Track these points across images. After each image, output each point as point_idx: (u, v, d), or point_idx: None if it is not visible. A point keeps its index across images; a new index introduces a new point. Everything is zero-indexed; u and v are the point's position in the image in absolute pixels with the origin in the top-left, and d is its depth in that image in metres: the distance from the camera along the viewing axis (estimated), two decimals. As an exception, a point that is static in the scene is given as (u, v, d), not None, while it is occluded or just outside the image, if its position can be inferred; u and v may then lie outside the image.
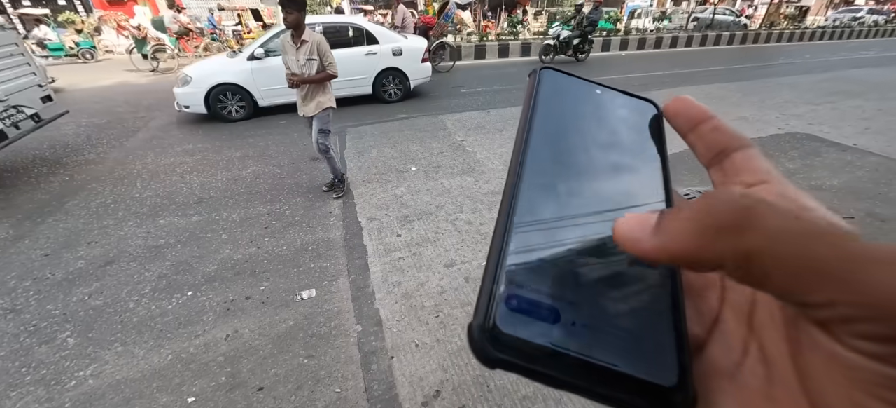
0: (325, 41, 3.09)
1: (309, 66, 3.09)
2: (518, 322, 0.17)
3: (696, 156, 0.22)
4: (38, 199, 3.72)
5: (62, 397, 1.88)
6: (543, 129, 0.24)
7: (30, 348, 2.14)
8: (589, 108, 0.26)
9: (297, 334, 2.21)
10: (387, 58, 6.58)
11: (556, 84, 0.26)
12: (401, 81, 6.85)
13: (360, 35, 6.46)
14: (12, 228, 3.25)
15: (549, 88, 0.26)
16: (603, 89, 0.27)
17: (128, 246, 3.00)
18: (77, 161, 4.61)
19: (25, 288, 2.57)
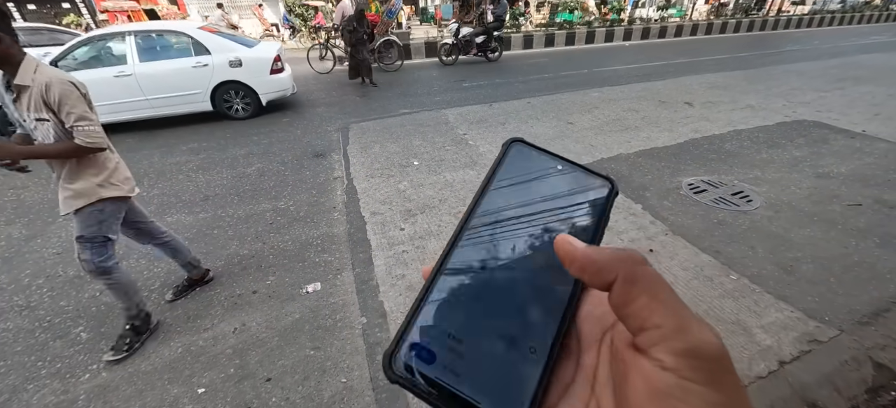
0: (65, 85, 1.70)
1: (41, 130, 1.73)
2: (414, 357, 0.24)
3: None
4: (49, 199, 3.79)
5: (77, 389, 1.93)
6: (492, 202, 0.30)
7: (45, 342, 2.20)
8: (542, 182, 0.31)
9: (304, 327, 2.25)
10: (223, 70, 5.73)
11: (521, 159, 0.32)
12: (249, 96, 6.02)
13: (186, 45, 5.65)
14: (25, 228, 3.32)
15: (513, 163, 0.32)
16: (565, 165, 0.32)
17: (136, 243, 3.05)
18: (86, 161, 4.68)
19: (39, 285, 2.64)
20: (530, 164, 0.32)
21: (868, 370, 1.91)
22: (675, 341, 0.18)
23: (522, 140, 0.32)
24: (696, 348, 0.18)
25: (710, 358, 0.18)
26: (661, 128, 5.13)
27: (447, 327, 0.25)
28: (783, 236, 2.88)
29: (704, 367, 0.17)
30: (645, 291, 0.20)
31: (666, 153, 4.35)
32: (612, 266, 0.21)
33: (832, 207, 3.22)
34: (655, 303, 0.19)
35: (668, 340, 0.18)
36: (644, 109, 5.94)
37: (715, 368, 0.18)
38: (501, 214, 0.29)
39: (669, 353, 0.18)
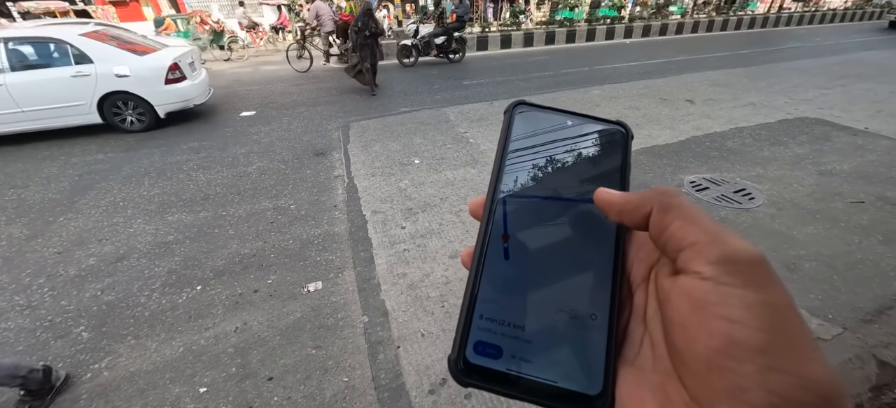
0: None
1: None
2: (479, 356, 0.24)
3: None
4: (50, 198, 3.79)
5: (79, 388, 1.93)
6: (512, 174, 0.29)
7: (46, 342, 2.20)
8: (557, 142, 0.30)
9: (305, 326, 2.24)
10: (108, 80, 5.25)
11: (528, 121, 0.31)
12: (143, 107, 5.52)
13: (65, 52, 5.11)
14: (26, 228, 3.31)
15: (521, 128, 0.30)
16: (574, 119, 0.31)
17: (137, 243, 3.05)
18: (86, 161, 4.68)
19: (40, 285, 2.64)
20: (539, 125, 0.31)
21: (872, 368, 1.90)
22: (711, 252, 0.19)
23: (525, 101, 0.31)
24: (730, 255, 0.18)
25: (745, 262, 0.18)
26: (662, 125, 5.12)
27: (505, 317, 0.25)
28: (786, 234, 2.87)
29: (741, 270, 0.18)
30: (679, 216, 0.21)
31: (668, 151, 4.34)
32: (647, 200, 0.23)
33: (835, 205, 3.21)
34: (689, 224, 0.20)
35: (704, 252, 0.19)
36: (645, 107, 5.92)
37: (751, 270, 0.18)
38: (526, 183, 0.29)
39: (705, 263, 0.19)
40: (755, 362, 0.16)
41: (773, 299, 0.17)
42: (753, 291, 0.17)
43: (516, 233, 0.27)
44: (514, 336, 0.24)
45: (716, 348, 0.17)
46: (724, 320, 0.17)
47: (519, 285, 0.26)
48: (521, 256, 0.26)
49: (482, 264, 0.26)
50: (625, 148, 0.29)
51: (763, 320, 0.17)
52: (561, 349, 0.24)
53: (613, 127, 0.30)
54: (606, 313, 0.24)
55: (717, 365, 0.17)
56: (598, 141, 0.30)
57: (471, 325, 0.25)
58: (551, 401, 0.23)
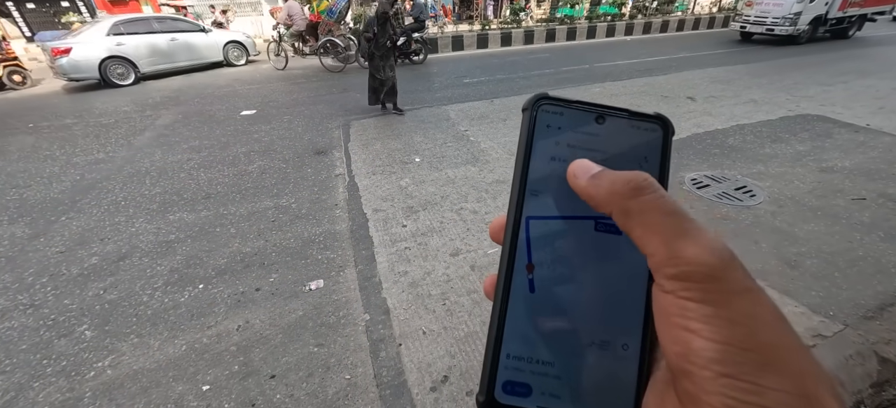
0: None
1: None
2: (508, 395, 0.23)
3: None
4: (52, 198, 3.80)
5: (82, 387, 1.94)
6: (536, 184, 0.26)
7: (50, 341, 2.21)
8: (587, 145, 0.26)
9: (307, 324, 2.25)
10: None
11: (553, 121, 0.26)
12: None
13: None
14: (28, 227, 3.32)
15: (545, 130, 0.26)
16: (606, 116, 0.26)
17: (139, 242, 3.06)
18: (87, 161, 4.69)
19: (43, 284, 2.65)
20: (565, 125, 0.26)
21: (873, 365, 1.91)
22: (667, 267, 0.19)
23: (548, 96, 0.27)
24: (686, 273, 0.19)
25: (702, 278, 0.18)
26: (663, 123, 5.11)
27: (534, 353, 0.24)
28: (787, 231, 2.87)
29: (697, 287, 0.18)
30: (638, 223, 0.21)
31: (668, 148, 4.33)
32: (607, 200, 0.22)
33: (836, 202, 3.21)
34: (648, 233, 0.20)
35: (662, 266, 0.19)
36: (646, 104, 5.91)
37: (707, 287, 0.18)
38: (552, 199, 0.25)
39: (665, 278, 0.19)
40: (711, 368, 0.17)
41: (733, 313, 0.18)
42: (709, 306, 0.18)
43: (543, 260, 0.25)
44: (543, 373, 0.23)
45: (679, 354, 0.19)
46: (684, 329, 0.19)
47: (547, 318, 0.24)
48: (549, 285, 0.24)
49: (507, 297, 0.24)
50: (665, 144, 0.26)
51: (719, 332, 0.18)
52: (592, 383, 0.23)
53: (652, 124, 0.26)
54: (638, 341, 0.23)
55: (684, 371, 0.18)
56: (634, 140, 0.26)
57: (498, 363, 0.24)
58: None
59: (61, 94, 8.13)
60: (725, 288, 0.18)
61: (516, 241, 0.25)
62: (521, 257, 0.25)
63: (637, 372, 0.23)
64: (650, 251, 0.20)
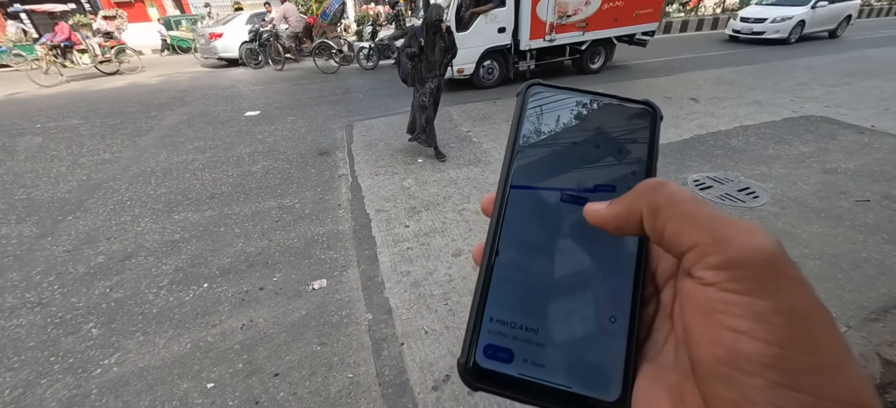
0: None
1: None
2: (489, 360, 0.23)
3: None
4: (59, 197, 3.84)
5: (89, 383, 1.97)
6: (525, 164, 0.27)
7: (57, 338, 2.24)
8: (576, 126, 0.27)
9: (310, 323, 2.27)
10: None
11: (543, 104, 0.28)
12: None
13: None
14: (36, 226, 3.36)
15: (535, 112, 0.28)
16: (595, 100, 0.28)
17: (145, 241, 3.09)
18: (93, 161, 4.74)
19: (50, 282, 2.68)
20: (555, 108, 0.27)
21: (876, 367, 1.90)
22: (712, 256, 0.17)
23: (539, 82, 0.28)
24: (735, 259, 0.17)
25: (754, 265, 0.16)
26: (666, 124, 5.07)
27: (517, 319, 0.24)
28: (790, 233, 2.86)
29: (747, 276, 0.16)
30: (670, 217, 0.19)
31: (671, 149, 4.33)
32: (634, 207, 0.21)
33: (840, 203, 3.19)
34: (683, 224, 0.18)
35: (705, 255, 0.17)
36: (649, 105, 5.90)
37: (761, 275, 0.16)
38: (540, 175, 0.26)
39: (707, 268, 0.17)
40: (764, 376, 0.15)
41: (788, 307, 0.15)
42: (762, 299, 0.16)
43: (529, 230, 0.25)
44: (526, 339, 0.23)
45: (720, 357, 0.16)
46: (729, 329, 0.16)
47: (532, 286, 0.24)
48: (534, 254, 0.25)
49: (492, 264, 0.25)
50: (653, 131, 0.26)
51: (774, 332, 0.15)
52: (577, 354, 0.23)
53: (640, 107, 0.27)
54: (627, 315, 0.23)
55: (723, 376, 0.16)
56: (622, 124, 0.27)
57: (480, 327, 0.24)
58: (567, 407, 0.22)
59: (66, 94, 8.20)
60: (781, 279, 0.16)
61: (504, 210, 0.26)
62: (509, 225, 0.25)
63: (626, 347, 0.22)
64: (691, 242, 0.18)
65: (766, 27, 11.08)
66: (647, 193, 0.20)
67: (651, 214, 0.20)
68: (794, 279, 0.16)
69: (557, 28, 7.03)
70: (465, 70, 6.83)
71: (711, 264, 0.17)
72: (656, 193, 0.20)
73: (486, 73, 7.18)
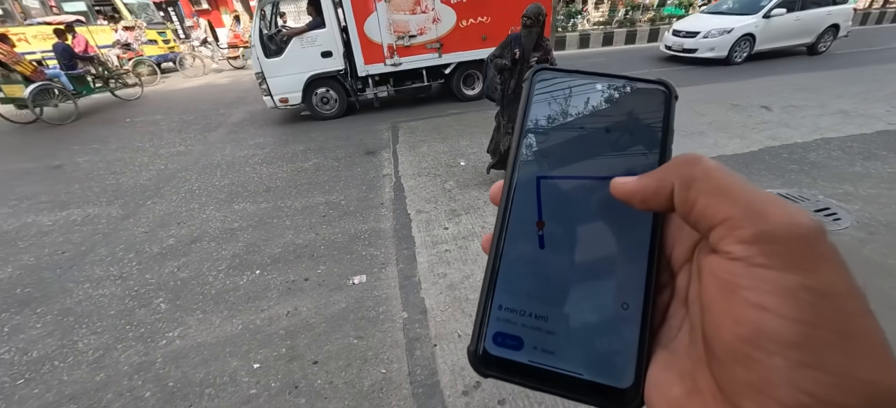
0: None
1: None
2: (498, 347, 0.23)
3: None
4: (141, 184, 4.33)
5: (155, 352, 2.19)
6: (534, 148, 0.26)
7: (132, 309, 2.52)
8: (587, 109, 0.27)
9: (349, 316, 2.36)
10: None
11: (552, 89, 0.27)
12: None
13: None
14: (121, 209, 3.82)
15: (543, 97, 0.27)
16: (606, 81, 0.27)
17: (208, 227, 3.39)
18: (170, 153, 5.28)
19: (129, 259, 3.02)
20: (565, 92, 0.27)
21: None
22: (743, 229, 0.16)
23: (547, 67, 0.28)
24: (768, 231, 0.16)
25: (788, 238, 0.15)
26: (731, 133, 4.69)
27: (526, 306, 0.23)
28: (878, 262, 2.51)
29: (780, 249, 0.15)
30: (704, 190, 0.18)
31: (735, 162, 3.97)
32: (666, 178, 0.20)
33: (946, 232, 2.75)
34: (718, 197, 0.18)
35: (737, 229, 0.17)
36: (712, 113, 5.46)
37: (794, 249, 0.15)
38: (550, 160, 0.26)
39: (737, 242, 0.16)
40: (786, 356, 0.14)
41: (820, 284, 0.15)
42: (794, 274, 0.15)
43: (539, 216, 0.25)
44: (535, 327, 0.23)
45: (742, 336, 0.15)
46: (754, 306, 0.15)
47: (541, 273, 0.24)
48: (544, 241, 0.24)
49: (501, 251, 0.25)
50: (667, 111, 0.26)
51: (802, 309, 0.14)
52: (588, 341, 0.22)
53: (653, 87, 0.26)
54: (640, 301, 0.22)
55: (744, 356, 0.15)
56: (634, 105, 0.26)
57: (490, 315, 0.24)
58: (577, 394, 0.22)
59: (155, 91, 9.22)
60: (816, 257, 0.15)
61: (513, 196, 0.26)
62: (517, 212, 0.25)
63: (639, 333, 0.22)
64: (723, 215, 0.17)
65: (698, 43, 8.52)
66: (683, 166, 0.20)
67: (684, 187, 0.19)
68: (831, 259, 0.15)
69: (401, 50, 5.99)
70: (289, 99, 5.97)
71: (742, 238, 0.16)
72: (692, 166, 0.19)
73: (320, 103, 6.20)
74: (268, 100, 5.91)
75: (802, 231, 0.15)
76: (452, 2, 5.79)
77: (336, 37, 5.72)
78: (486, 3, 5.85)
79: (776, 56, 9.03)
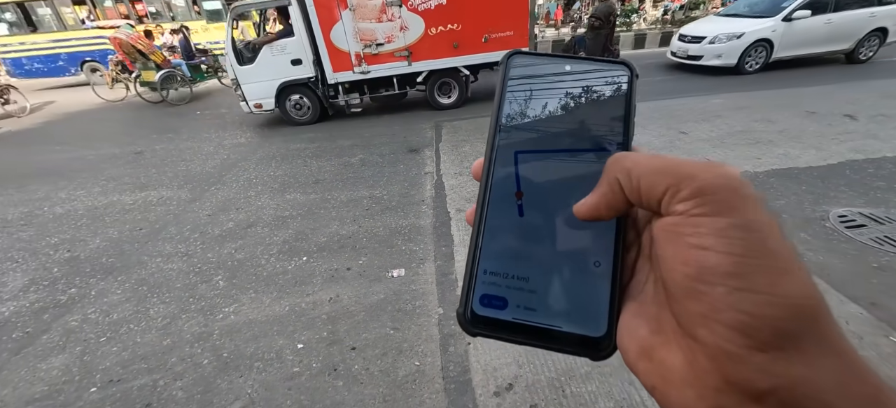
0: None
1: None
2: (485, 308, 0.25)
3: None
4: (206, 171, 4.74)
5: (213, 325, 2.40)
6: (511, 123, 0.29)
7: (195, 284, 2.77)
8: (557, 88, 0.29)
9: (386, 307, 2.43)
10: None
11: (525, 70, 0.30)
12: None
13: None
14: (189, 193, 4.21)
15: (518, 78, 0.30)
16: (574, 63, 0.30)
17: (263, 214, 3.64)
18: (233, 144, 5.73)
19: (195, 239, 3.33)
20: (537, 73, 0.30)
21: None
22: (682, 191, 0.19)
23: (521, 51, 0.31)
24: (699, 187, 0.19)
25: (716, 189, 0.19)
26: (805, 144, 4.25)
27: (509, 269, 0.26)
28: None
29: (711, 200, 0.19)
30: (642, 175, 0.21)
31: (809, 175, 3.60)
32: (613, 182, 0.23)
33: None
34: (654, 176, 0.21)
35: (677, 193, 0.20)
36: (784, 120, 4.98)
37: (722, 196, 0.18)
38: (525, 135, 0.28)
39: (679, 202, 0.20)
40: (726, 284, 0.17)
41: (744, 222, 0.18)
42: (723, 217, 0.18)
43: (518, 186, 0.27)
44: (518, 287, 0.25)
45: (690, 275, 0.18)
46: (696, 248, 0.18)
47: (521, 238, 0.26)
48: (522, 210, 0.27)
49: (484, 220, 0.27)
50: (629, 89, 0.28)
51: (732, 243, 0.17)
52: (565, 296, 0.25)
53: (616, 67, 0.29)
54: (610, 259, 0.25)
55: (693, 291, 0.18)
56: (600, 84, 0.29)
57: (476, 279, 0.26)
58: (558, 345, 0.24)
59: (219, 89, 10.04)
60: (739, 199, 0.18)
61: (493, 169, 0.28)
62: (498, 183, 0.27)
63: (610, 287, 0.24)
64: (662, 189, 0.20)
65: (704, 50, 7.53)
66: (617, 164, 0.22)
67: (626, 180, 0.22)
68: (750, 198, 0.18)
69: (369, 58, 5.90)
70: (263, 105, 6.11)
71: (682, 197, 0.19)
72: (624, 161, 0.22)
73: (293, 109, 6.28)
74: (243, 105, 6.13)
75: (726, 181, 0.19)
76: (420, 9, 5.61)
77: (305, 45, 5.77)
78: (457, 10, 5.63)
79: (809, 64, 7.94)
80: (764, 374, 0.16)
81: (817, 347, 0.17)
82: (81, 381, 2.09)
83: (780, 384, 0.16)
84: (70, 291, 2.78)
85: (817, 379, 0.16)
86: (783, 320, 0.16)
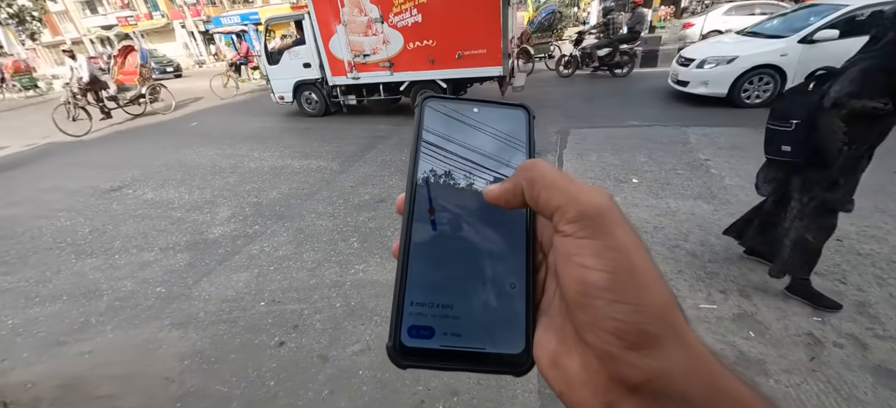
0: None
1: None
2: (413, 338, 0.26)
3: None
4: (352, 150, 5.56)
5: (346, 277, 2.84)
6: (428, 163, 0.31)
7: (336, 241, 3.31)
8: (467, 128, 0.32)
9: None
10: None
11: (439, 112, 0.33)
12: None
13: None
14: (339, 165, 5.00)
15: (432, 119, 0.32)
16: (480, 106, 0.33)
17: (392, 192, 4.11)
18: (374, 129, 6.57)
19: (339, 204, 3.96)
20: (449, 114, 0.32)
21: None
22: (569, 212, 0.22)
23: (433, 95, 0.34)
24: (581, 211, 0.22)
25: (593, 215, 0.22)
26: None
27: (433, 299, 0.27)
28: None
29: (589, 223, 0.21)
30: (543, 187, 0.24)
31: None
32: (517, 184, 0.25)
33: None
34: (550, 191, 0.23)
35: (566, 213, 0.22)
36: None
37: (598, 222, 0.21)
38: (441, 171, 0.30)
39: (566, 223, 0.22)
40: (603, 297, 0.20)
41: (615, 243, 0.21)
42: (599, 239, 0.21)
43: (435, 220, 0.29)
44: (443, 315, 0.26)
45: (577, 290, 0.21)
46: (580, 266, 0.21)
47: (443, 268, 0.27)
48: (441, 240, 0.28)
49: (407, 254, 0.28)
50: (528, 127, 0.33)
51: (607, 262, 0.20)
52: (486, 319, 0.26)
53: (516, 109, 0.33)
54: (523, 280, 0.27)
55: (581, 303, 0.21)
56: (503, 123, 0.32)
57: (403, 312, 0.26)
58: (483, 366, 0.26)
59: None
60: (609, 223, 0.21)
61: (413, 206, 0.29)
62: (418, 219, 0.29)
63: (525, 306, 0.26)
64: (556, 204, 0.23)
65: (691, 74, 6.12)
66: (526, 171, 0.25)
67: (529, 187, 0.24)
68: (621, 224, 0.21)
69: (358, 66, 6.68)
70: (285, 97, 7.76)
71: (569, 219, 0.22)
72: (531, 169, 0.25)
73: (305, 103, 7.78)
74: (272, 96, 7.94)
75: (600, 207, 0.22)
76: (399, 26, 6.13)
77: (314, 52, 6.98)
78: (432, 28, 6.02)
79: None
80: (635, 369, 0.20)
81: (672, 342, 0.20)
82: (255, 295, 2.73)
83: (648, 377, 0.20)
84: (255, 227, 3.63)
85: (671, 370, 0.20)
86: (647, 324, 0.20)
